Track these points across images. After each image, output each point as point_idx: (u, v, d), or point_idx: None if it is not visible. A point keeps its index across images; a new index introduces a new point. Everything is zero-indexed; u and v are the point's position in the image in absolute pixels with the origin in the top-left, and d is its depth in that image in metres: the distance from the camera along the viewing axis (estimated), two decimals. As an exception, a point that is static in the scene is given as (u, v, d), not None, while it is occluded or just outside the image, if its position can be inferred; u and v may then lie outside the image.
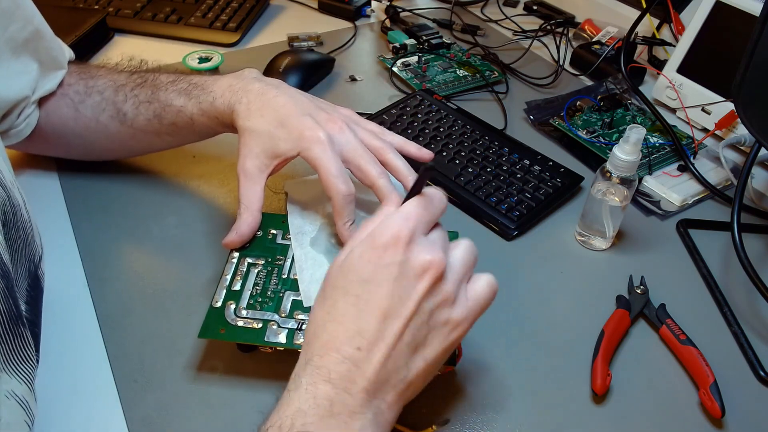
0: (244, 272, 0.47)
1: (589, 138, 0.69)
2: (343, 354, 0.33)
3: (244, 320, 0.43)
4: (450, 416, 0.43)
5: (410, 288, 0.34)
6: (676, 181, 0.64)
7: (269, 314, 0.44)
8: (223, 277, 0.46)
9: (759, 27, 0.48)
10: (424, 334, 0.34)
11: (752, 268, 0.49)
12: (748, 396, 0.45)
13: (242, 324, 0.43)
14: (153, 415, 0.42)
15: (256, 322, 0.43)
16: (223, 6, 0.93)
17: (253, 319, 0.43)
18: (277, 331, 0.43)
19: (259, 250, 0.49)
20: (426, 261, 0.34)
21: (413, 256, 0.34)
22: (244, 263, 0.47)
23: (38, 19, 0.54)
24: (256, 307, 0.44)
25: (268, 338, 0.42)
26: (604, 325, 0.48)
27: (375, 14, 0.98)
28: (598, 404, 0.45)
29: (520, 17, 0.97)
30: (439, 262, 0.34)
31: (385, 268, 0.34)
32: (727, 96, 0.69)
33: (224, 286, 0.45)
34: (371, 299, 0.34)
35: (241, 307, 0.44)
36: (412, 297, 0.34)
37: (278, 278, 0.46)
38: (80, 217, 0.58)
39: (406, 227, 0.34)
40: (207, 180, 0.63)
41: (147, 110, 0.54)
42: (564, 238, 0.58)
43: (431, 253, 0.34)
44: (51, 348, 0.46)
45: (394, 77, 0.81)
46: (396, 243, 0.34)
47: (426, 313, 0.34)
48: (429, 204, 0.37)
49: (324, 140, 0.46)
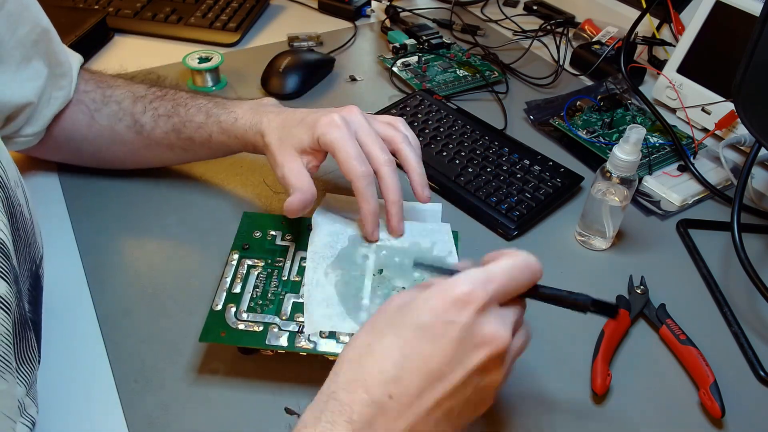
0: (243, 274, 0.47)
1: (589, 138, 0.69)
2: (372, 396, 0.30)
3: (245, 323, 0.43)
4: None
5: (465, 356, 0.31)
6: (676, 181, 0.64)
7: (270, 317, 0.44)
8: (222, 280, 0.46)
9: (759, 27, 0.48)
10: (462, 405, 0.32)
11: (752, 268, 0.49)
12: (748, 396, 0.45)
13: (243, 327, 0.43)
14: (153, 415, 0.42)
15: (257, 325, 0.43)
16: (223, 6, 0.93)
17: (254, 322, 0.43)
18: (279, 334, 0.43)
19: (258, 251, 0.49)
20: (490, 334, 0.32)
21: (480, 323, 0.32)
22: (243, 265, 0.47)
23: (45, 20, 0.54)
24: (257, 310, 0.44)
25: (269, 341, 0.42)
26: (604, 325, 0.48)
27: (375, 14, 0.98)
28: (598, 404, 0.45)
29: (520, 17, 0.97)
30: (504, 341, 0.32)
31: (447, 324, 0.31)
32: (727, 96, 0.69)
33: (224, 289, 0.45)
34: (422, 351, 0.31)
35: (242, 309, 0.44)
36: (465, 366, 0.31)
37: (278, 280, 0.46)
38: (80, 217, 0.58)
39: (484, 290, 0.32)
40: (207, 180, 0.63)
41: (166, 123, 0.55)
42: (564, 238, 0.58)
43: (499, 328, 0.32)
44: (51, 348, 0.46)
45: (394, 77, 0.81)
46: (467, 303, 0.31)
47: (471, 387, 0.32)
48: (520, 273, 0.34)
49: (340, 123, 0.46)
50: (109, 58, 0.83)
